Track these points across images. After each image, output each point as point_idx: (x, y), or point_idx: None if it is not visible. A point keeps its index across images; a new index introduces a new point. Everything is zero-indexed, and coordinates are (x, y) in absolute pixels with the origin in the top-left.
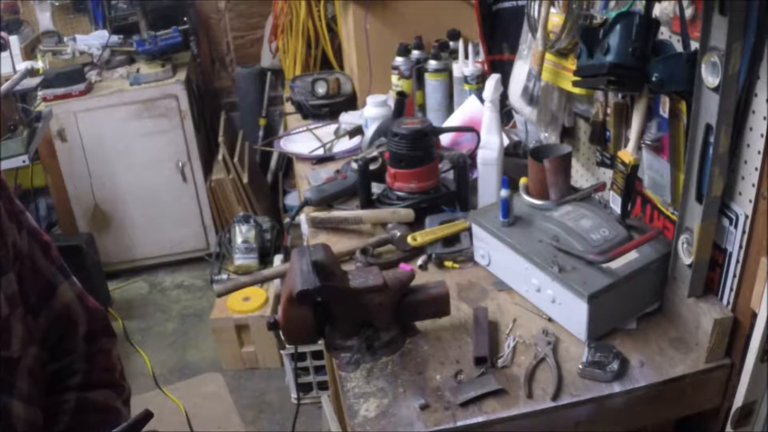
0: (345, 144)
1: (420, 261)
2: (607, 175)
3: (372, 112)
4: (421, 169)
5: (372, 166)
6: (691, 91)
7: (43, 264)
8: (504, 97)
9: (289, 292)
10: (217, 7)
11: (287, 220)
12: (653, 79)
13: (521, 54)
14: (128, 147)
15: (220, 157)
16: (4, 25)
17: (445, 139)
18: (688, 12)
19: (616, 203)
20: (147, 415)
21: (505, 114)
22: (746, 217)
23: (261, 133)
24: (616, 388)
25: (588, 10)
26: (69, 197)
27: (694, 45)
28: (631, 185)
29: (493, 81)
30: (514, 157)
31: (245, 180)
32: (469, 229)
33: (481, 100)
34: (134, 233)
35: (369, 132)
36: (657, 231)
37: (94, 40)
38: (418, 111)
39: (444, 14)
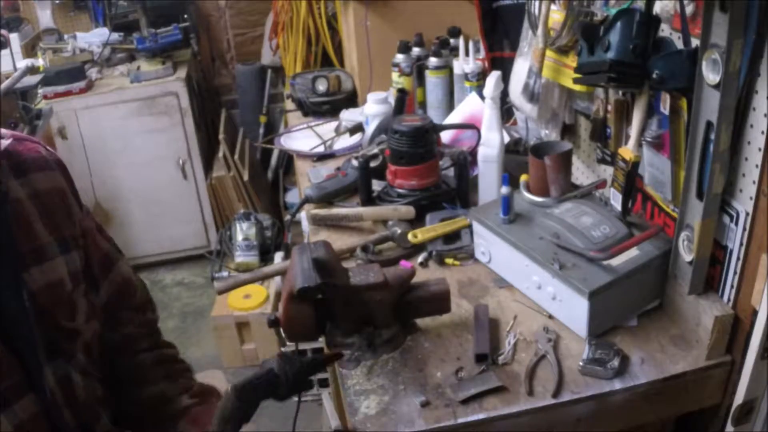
0: (346, 141)
1: (420, 258)
2: (607, 172)
3: (372, 109)
4: (422, 167)
5: (372, 164)
6: (692, 88)
7: (100, 240)
8: (504, 95)
9: (289, 289)
10: (218, 4)
11: (288, 217)
12: (654, 76)
13: (522, 51)
14: (129, 145)
15: (220, 154)
16: (4, 22)
17: (445, 136)
18: (689, 9)
19: (616, 200)
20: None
21: (506, 111)
22: (747, 214)
23: (261, 131)
24: (617, 385)
25: (588, 7)
26: None
27: (695, 42)
28: (631, 182)
29: (493, 78)
30: (515, 154)
31: (246, 177)
32: (469, 227)
33: (482, 98)
34: (135, 231)
35: (369, 129)
36: (658, 228)
37: (94, 38)
38: (419, 108)
39: (444, 11)
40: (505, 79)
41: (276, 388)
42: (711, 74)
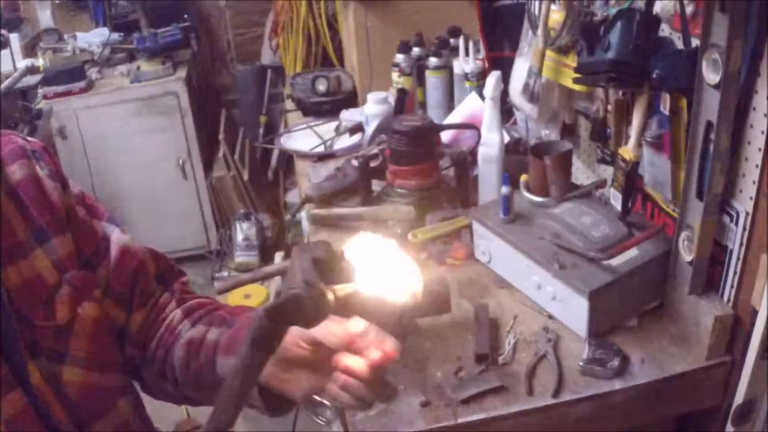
0: (346, 141)
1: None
2: (607, 172)
3: (372, 109)
4: (422, 167)
5: (373, 164)
6: (692, 88)
7: (90, 221)
8: (505, 94)
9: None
10: (218, 4)
11: (288, 217)
12: (654, 76)
13: (522, 51)
14: (129, 144)
15: (220, 154)
16: (4, 22)
17: (445, 136)
18: (689, 9)
19: (616, 200)
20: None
21: (506, 111)
22: (747, 214)
23: (261, 131)
24: (617, 385)
25: (589, 6)
26: None
27: (695, 42)
28: (631, 182)
29: (493, 78)
30: (515, 154)
31: (246, 177)
32: (469, 226)
33: (482, 98)
34: (135, 230)
35: (369, 129)
36: (658, 228)
37: (94, 38)
38: (419, 108)
39: (444, 11)
40: (505, 79)
41: (303, 312)
42: (711, 74)
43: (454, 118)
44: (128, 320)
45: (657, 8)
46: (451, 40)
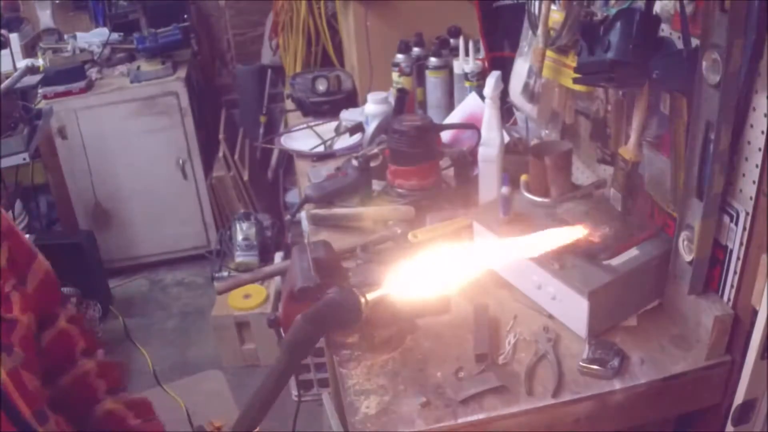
0: (346, 141)
1: None
2: (607, 172)
3: (372, 109)
4: (422, 166)
5: (373, 163)
6: (692, 88)
7: (20, 234)
8: (504, 94)
9: (290, 289)
10: (218, 4)
11: (288, 217)
12: (654, 76)
13: (522, 51)
14: (129, 144)
15: (220, 154)
16: (4, 22)
17: (445, 136)
18: (689, 9)
19: (616, 200)
20: None
21: (506, 111)
22: (747, 214)
23: (261, 131)
24: (617, 385)
25: (588, 6)
26: (69, 195)
27: (695, 42)
28: (631, 182)
29: (493, 78)
30: (515, 154)
31: (246, 177)
32: (470, 226)
33: (482, 97)
34: (135, 231)
35: (370, 129)
36: (658, 228)
37: (94, 38)
38: (419, 108)
39: (445, 11)
40: (505, 79)
41: (338, 317)
42: (711, 74)
43: (454, 118)
44: (38, 337)
45: (657, 8)
46: (451, 40)
